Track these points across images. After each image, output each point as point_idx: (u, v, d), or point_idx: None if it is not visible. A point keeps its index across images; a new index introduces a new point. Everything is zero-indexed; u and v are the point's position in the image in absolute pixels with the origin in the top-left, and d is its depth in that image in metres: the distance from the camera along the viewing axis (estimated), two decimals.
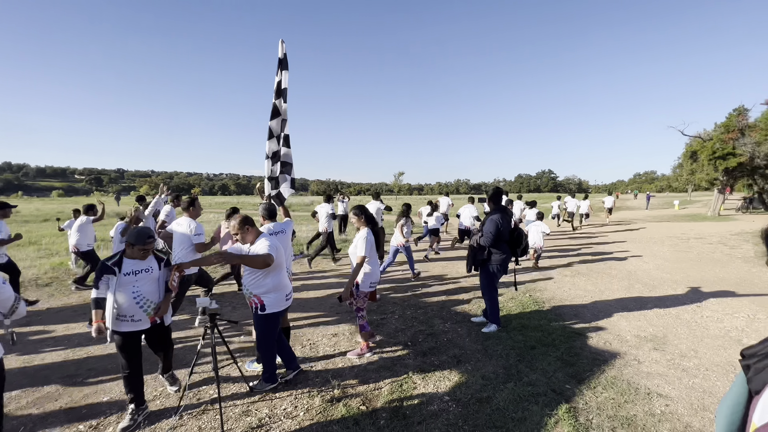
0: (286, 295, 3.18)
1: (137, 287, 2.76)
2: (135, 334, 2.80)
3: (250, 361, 3.70)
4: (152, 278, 2.85)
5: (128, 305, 2.73)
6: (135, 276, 2.76)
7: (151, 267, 2.86)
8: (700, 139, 22.48)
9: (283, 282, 3.15)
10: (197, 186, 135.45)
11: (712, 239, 11.84)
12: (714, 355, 3.79)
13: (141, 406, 2.85)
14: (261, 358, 3.21)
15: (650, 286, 6.48)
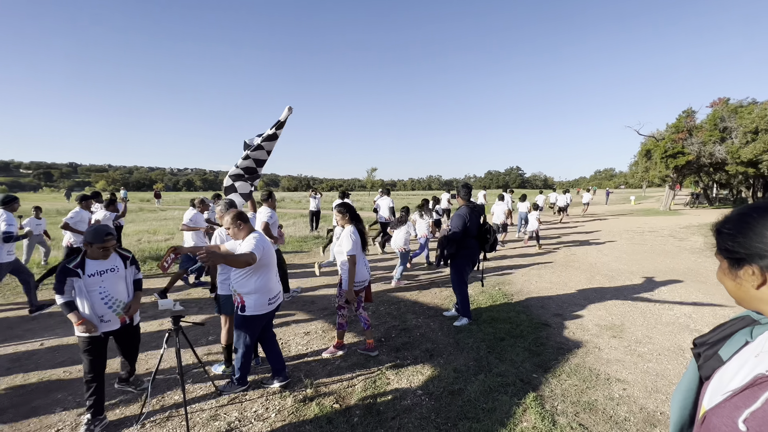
0: (270, 299, 3.00)
1: (104, 287, 2.69)
2: (103, 335, 2.71)
3: (218, 364, 3.57)
4: (119, 277, 2.79)
5: (97, 306, 2.65)
6: (101, 276, 2.68)
7: (117, 266, 2.79)
8: (653, 138, 24.02)
9: (269, 285, 2.98)
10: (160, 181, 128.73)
11: (663, 232, 12.71)
12: (665, 341, 4.07)
13: (99, 416, 2.68)
14: (236, 359, 3.08)
15: (609, 277, 6.86)
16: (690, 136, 21.94)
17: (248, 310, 2.91)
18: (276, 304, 3.10)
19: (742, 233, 0.74)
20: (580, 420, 2.72)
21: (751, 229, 0.72)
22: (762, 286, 0.72)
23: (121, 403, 3.01)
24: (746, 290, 0.75)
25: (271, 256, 2.98)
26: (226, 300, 3.38)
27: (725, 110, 22.39)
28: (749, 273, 0.73)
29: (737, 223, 0.75)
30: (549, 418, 2.72)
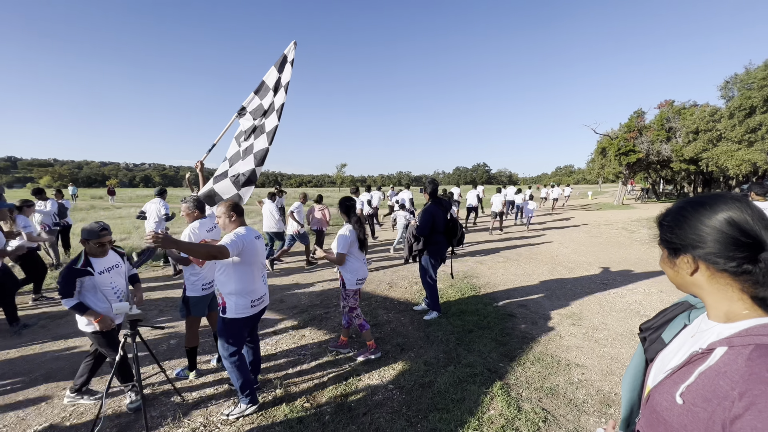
0: (253, 301, 2.71)
1: (114, 283, 2.84)
2: (117, 327, 2.93)
3: (181, 369, 3.40)
4: (121, 273, 2.94)
5: (113, 302, 2.78)
6: (109, 273, 2.81)
7: (119, 263, 2.94)
8: (608, 137, 25.56)
9: (251, 286, 2.70)
10: (114, 177, 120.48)
11: (617, 225, 13.58)
12: (619, 326, 4.36)
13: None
14: (229, 374, 2.74)
15: (569, 268, 7.24)
16: (640, 135, 23.58)
17: (228, 312, 2.64)
18: (260, 306, 2.82)
19: (678, 225, 0.80)
20: (543, 405, 2.86)
21: (687, 221, 0.78)
22: (695, 272, 0.78)
23: (72, 416, 2.80)
24: (683, 277, 0.81)
25: (255, 255, 2.73)
26: (196, 302, 3.21)
27: (670, 111, 24.25)
28: (685, 261, 0.79)
29: (675, 217, 0.81)
30: (514, 404, 2.84)
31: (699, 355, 0.73)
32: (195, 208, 3.34)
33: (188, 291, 3.22)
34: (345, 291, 3.59)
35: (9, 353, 3.85)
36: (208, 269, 3.24)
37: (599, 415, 2.73)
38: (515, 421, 2.66)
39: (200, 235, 3.23)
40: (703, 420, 0.66)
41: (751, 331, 0.69)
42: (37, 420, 2.77)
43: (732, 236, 0.71)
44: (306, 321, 4.62)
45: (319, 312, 4.94)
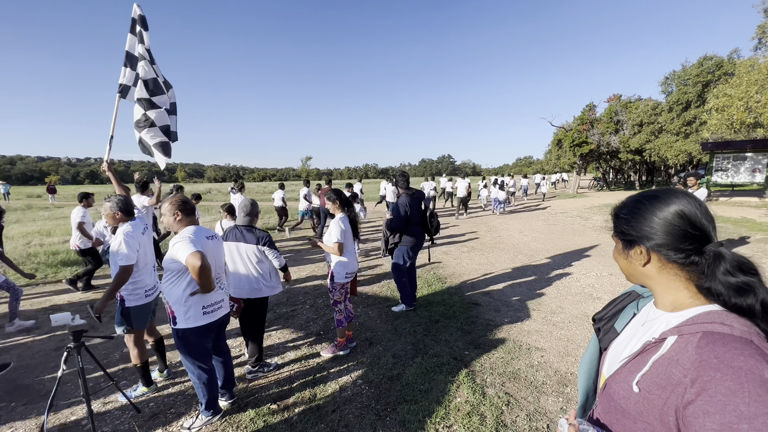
0: (204, 307, 2.46)
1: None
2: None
3: (134, 387, 3.08)
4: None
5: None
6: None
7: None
8: (563, 129, 26.89)
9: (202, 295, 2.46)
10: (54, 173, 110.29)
11: (572, 213, 14.40)
12: (574, 309, 4.64)
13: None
14: (194, 385, 2.58)
15: (529, 255, 7.59)
16: (592, 127, 25.02)
17: (179, 322, 2.41)
18: (217, 314, 2.56)
19: (634, 218, 0.83)
20: (506, 389, 2.98)
21: (642, 214, 0.82)
22: (647, 264, 0.82)
23: None
24: (635, 267, 0.85)
25: (213, 258, 2.51)
26: (138, 312, 2.90)
27: (618, 105, 25.90)
28: (638, 252, 0.83)
29: (631, 209, 0.85)
30: (479, 390, 2.94)
31: (652, 345, 0.77)
32: (118, 209, 2.89)
33: (128, 301, 2.85)
34: (332, 284, 3.51)
35: None
36: (147, 273, 2.96)
37: (557, 395, 2.89)
38: (480, 407, 2.75)
39: (136, 237, 2.81)
40: (658, 406, 0.70)
41: (697, 319, 0.73)
42: None
43: (682, 228, 0.76)
44: (271, 320, 4.50)
45: (285, 310, 4.83)
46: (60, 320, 2.34)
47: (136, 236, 2.83)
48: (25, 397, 3.05)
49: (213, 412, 2.64)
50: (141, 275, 2.91)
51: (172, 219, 2.48)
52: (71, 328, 2.36)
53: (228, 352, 2.89)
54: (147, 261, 2.98)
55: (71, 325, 2.35)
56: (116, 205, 2.88)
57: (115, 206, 2.88)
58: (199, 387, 2.55)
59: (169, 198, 2.53)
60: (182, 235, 2.38)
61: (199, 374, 2.51)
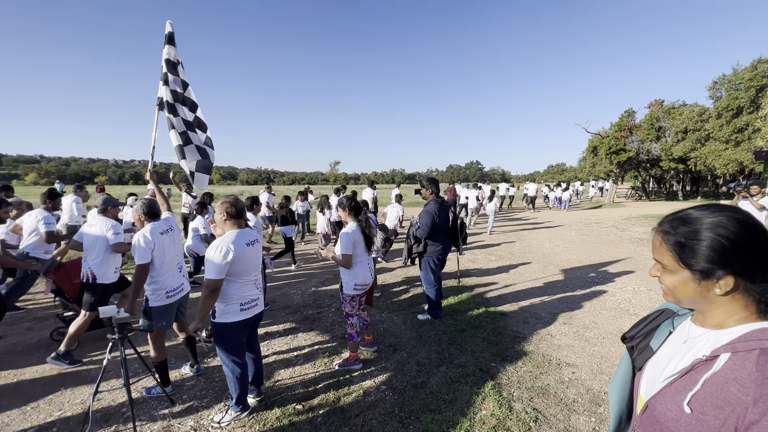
0: (242, 305, 2.58)
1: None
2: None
3: (152, 387, 3.16)
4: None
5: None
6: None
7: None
8: (599, 136, 25.82)
9: (240, 293, 2.58)
10: (102, 174, 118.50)
11: (607, 223, 13.75)
12: (609, 325, 4.42)
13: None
14: (228, 380, 2.68)
15: (560, 266, 7.31)
16: (631, 134, 23.86)
17: (217, 317, 2.54)
18: (253, 311, 2.66)
19: (721, 247, 0.74)
20: (534, 404, 2.88)
21: (737, 243, 0.73)
22: (727, 294, 0.75)
23: (59, 421, 2.75)
24: (704, 295, 0.77)
25: (244, 263, 2.56)
26: (161, 312, 3.00)
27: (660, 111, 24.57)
28: (724, 283, 0.74)
29: (735, 243, 0.74)
30: (506, 404, 2.86)
31: (702, 363, 0.73)
32: (143, 212, 3.05)
33: (151, 301, 2.97)
34: (342, 295, 3.43)
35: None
36: (170, 275, 3.06)
37: (589, 414, 2.76)
38: (506, 421, 2.67)
39: (151, 240, 2.92)
40: (715, 428, 0.66)
41: (751, 336, 0.69)
42: (22, 425, 2.72)
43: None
44: (298, 321, 4.60)
45: (312, 312, 4.92)
46: (107, 312, 2.50)
47: (152, 237, 2.93)
48: (72, 382, 3.28)
49: (242, 408, 2.73)
50: (161, 276, 3.00)
51: (220, 218, 2.60)
52: (116, 320, 2.52)
53: (259, 350, 2.98)
54: (166, 261, 3.04)
55: (116, 318, 2.51)
56: (141, 209, 3.05)
57: (140, 209, 3.05)
58: (231, 381, 2.64)
59: (222, 199, 2.64)
60: (221, 243, 2.46)
61: (233, 368, 2.61)
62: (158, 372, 3.05)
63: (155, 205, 3.15)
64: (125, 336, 2.55)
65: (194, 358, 3.39)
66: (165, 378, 3.09)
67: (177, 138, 3.82)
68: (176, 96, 3.98)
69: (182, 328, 3.34)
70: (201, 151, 4.03)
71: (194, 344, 3.37)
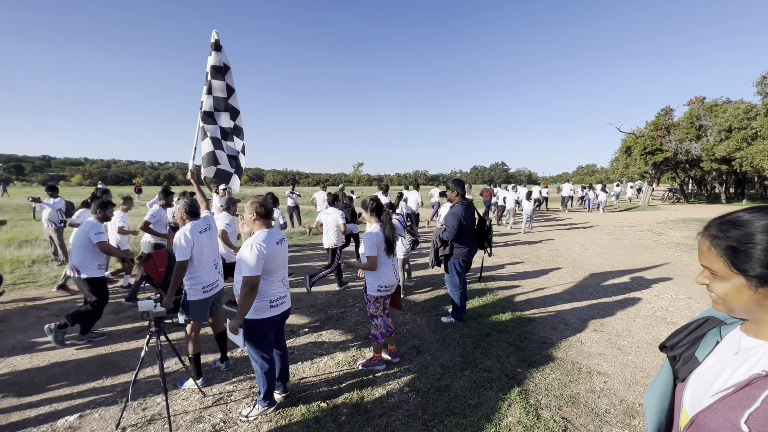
0: (272, 302, 2.66)
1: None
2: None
3: (185, 378, 3.28)
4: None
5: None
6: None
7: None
8: (633, 135, 24.65)
9: (269, 290, 2.65)
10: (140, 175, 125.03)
11: (642, 227, 13.10)
12: (644, 334, 4.21)
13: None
14: (256, 378, 2.80)
15: (590, 271, 7.04)
16: (668, 133, 22.61)
17: (248, 313, 2.59)
18: (281, 308, 2.75)
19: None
20: (563, 413, 2.78)
21: None
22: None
23: (100, 407, 2.92)
24: (761, 302, 0.74)
25: (274, 261, 2.63)
26: (197, 306, 3.16)
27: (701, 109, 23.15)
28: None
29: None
30: (533, 412, 2.78)
31: (762, 378, 0.69)
32: (185, 211, 3.21)
33: (189, 295, 3.14)
34: (366, 296, 3.45)
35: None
36: (206, 271, 3.21)
37: (622, 426, 2.64)
38: (534, 430, 2.60)
39: (191, 238, 3.07)
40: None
41: None
42: (69, 410, 2.90)
43: None
44: (322, 320, 4.67)
45: (336, 312, 4.98)
46: (145, 307, 2.64)
47: (192, 236, 3.08)
48: (113, 371, 3.47)
49: (269, 404, 2.80)
50: (198, 272, 3.15)
51: (249, 218, 2.70)
52: (153, 314, 2.65)
53: (285, 347, 3.05)
54: (204, 258, 3.20)
55: (153, 312, 2.65)
56: (182, 208, 3.22)
57: (182, 208, 3.21)
58: (260, 376, 2.73)
59: (251, 199, 2.73)
60: (253, 243, 2.53)
61: (262, 364, 2.69)
62: (193, 363, 3.19)
63: (196, 205, 3.32)
64: (161, 329, 2.68)
65: (224, 353, 3.51)
66: (197, 370, 3.21)
67: (209, 145, 4.03)
68: (218, 103, 4.15)
69: (216, 323, 3.46)
70: (231, 158, 4.20)
71: (225, 340, 3.49)
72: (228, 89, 4.22)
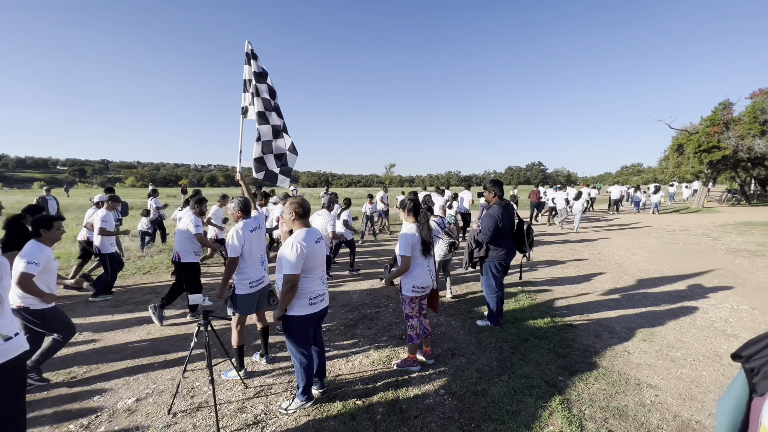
0: (311, 299, 2.73)
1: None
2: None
3: (226, 371, 3.44)
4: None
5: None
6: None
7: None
8: (686, 132, 22.86)
9: (308, 288, 2.73)
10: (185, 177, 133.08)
11: (696, 231, 12.11)
12: (700, 346, 3.89)
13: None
14: (295, 373, 2.91)
15: (637, 277, 6.61)
16: (727, 129, 20.74)
17: (288, 309, 2.72)
18: (320, 306, 2.82)
19: None
20: (610, 426, 2.64)
21: None
22: None
23: (154, 393, 3.14)
24: None
25: (313, 260, 2.70)
26: (244, 300, 3.32)
27: (766, 102, 21.04)
28: None
29: None
30: (576, 422, 2.66)
31: None
32: (239, 210, 3.42)
33: (237, 289, 3.31)
34: (401, 296, 3.44)
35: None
36: (254, 267, 3.37)
37: None
38: None
39: (243, 236, 3.25)
40: None
41: None
42: (126, 393, 3.15)
43: None
44: (357, 319, 4.73)
45: (370, 311, 5.03)
46: (195, 300, 2.81)
47: (244, 233, 3.28)
48: (163, 363, 3.72)
49: (307, 398, 2.88)
50: (247, 268, 3.33)
51: (289, 218, 2.80)
52: (202, 308, 2.82)
53: (322, 344, 3.12)
54: (254, 255, 3.39)
55: (202, 305, 2.81)
56: (237, 206, 3.42)
57: (236, 207, 3.42)
58: (298, 371, 2.82)
59: (290, 200, 2.84)
60: (293, 241, 2.63)
61: (300, 359, 2.78)
62: (236, 355, 3.35)
63: (249, 204, 3.53)
64: (209, 322, 2.84)
65: (265, 347, 3.66)
66: (240, 362, 3.37)
67: (258, 150, 4.27)
68: (266, 103, 4.38)
69: (260, 318, 3.62)
70: (277, 158, 4.42)
71: (267, 335, 3.64)
72: (270, 91, 4.43)
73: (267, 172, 4.33)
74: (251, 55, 4.37)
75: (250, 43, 4.37)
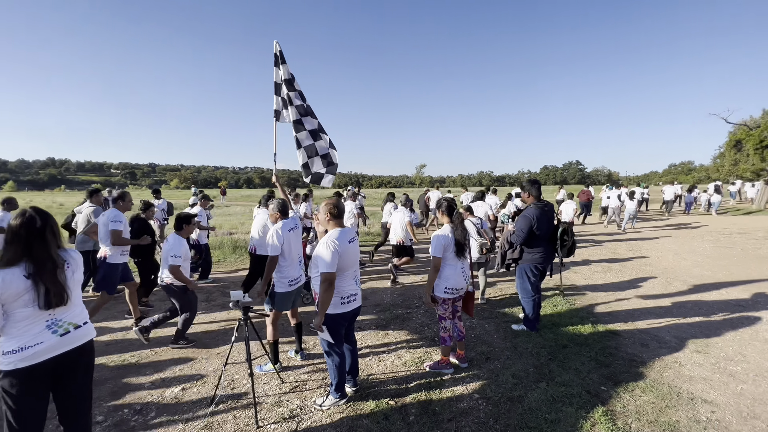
0: (342, 299, 2.77)
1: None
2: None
3: (265, 362, 3.55)
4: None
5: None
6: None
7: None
8: (746, 127, 20.99)
9: (340, 287, 2.75)
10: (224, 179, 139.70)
11: (757, 234, 11.06)
12: (764, 360, 3.56)
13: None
14: (328, 370, 2.97)
15: (689, 284, 6.14)
16: None
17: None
18: (352, 305, 2.86)
19: None
20: None
21: None
22: None
23: (198, 384, 3.32)
24: None
25: (346, 259, 2.74)
26: (282, 297, 3.45)
27: None
28: None
29: None
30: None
31: None
32: (278, 211, 3.57)
33: (276, 287, 3.45)
34: (434, 296, 3.40)
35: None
36: (293, 266, 3.50)
37: None
38: None
39: (282, 235, 3.39)
40: None
41: None
42: (173, 382, 3.34)
43: None
44: (388, 320, 4.74)
45: (401, 312, 5.02)
46: (235, 296, 2.94)
47: (283, 233, 3.42)
48: (206, 353, 3.92)
49: (340, 396, 2.93)
50: (286, 267, 3.46)
51: (324, 218, 2.87)
52: (242, 304, 2.94)
53: (355, 342, 3.17)
54: (292, 255, 3.51)
55: (242, 301, 2.93)
56: (276, 207, 3.58)
57: (275, 208, 3.57)
58: (332, 369, 2.87)
59: (325, 201, 2.91)
60: (328, 240, 2.67)
61: (334, 357, 2.83)
62: (271, 350, 3.48)
63: (287, 206, 3.69)
64: (248, 317, 2.96)
65: (299, 344, 3.76)
66: (275, 356, 3.50)
67: (303, 156, 4.46)
68: (300, 109, 4.53)
69: (295, 315, 3.74)
70: (323, 158, 4.61)
71: (301, 331, 3.75)
72: (301, 96, 4.56)
73: (314, 174, 4.57)
74: (280, 57, 4.50)
75: (278, 44, 4.50)
